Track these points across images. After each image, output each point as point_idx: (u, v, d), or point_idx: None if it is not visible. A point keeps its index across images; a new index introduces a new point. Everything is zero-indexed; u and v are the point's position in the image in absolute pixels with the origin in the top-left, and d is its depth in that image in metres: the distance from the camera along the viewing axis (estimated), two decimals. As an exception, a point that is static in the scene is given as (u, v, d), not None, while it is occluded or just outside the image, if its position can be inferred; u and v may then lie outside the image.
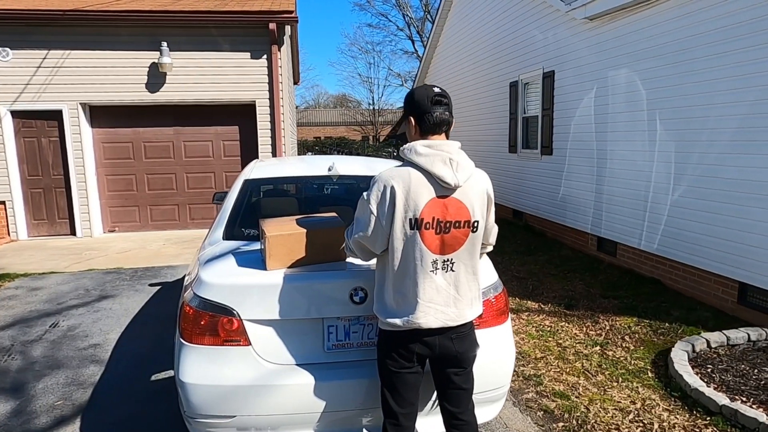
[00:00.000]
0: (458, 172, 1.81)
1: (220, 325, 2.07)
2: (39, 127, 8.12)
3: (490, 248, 2.10)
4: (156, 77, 8.07)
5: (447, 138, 1.92)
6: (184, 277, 5.85)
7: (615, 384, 3.37)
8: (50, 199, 8.32)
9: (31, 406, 3.13)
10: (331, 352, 2.16)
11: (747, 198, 4.38)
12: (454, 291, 1.88)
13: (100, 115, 8.34)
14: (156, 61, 7.94)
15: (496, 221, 2.05)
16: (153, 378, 3.46)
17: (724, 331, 4.01)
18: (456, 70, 12.16)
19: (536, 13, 7.90)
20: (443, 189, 1.81)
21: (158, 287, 5.53)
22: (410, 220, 1.79)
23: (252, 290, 2.09)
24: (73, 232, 8.37)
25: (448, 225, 1.82)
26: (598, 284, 5.53)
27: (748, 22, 4.27)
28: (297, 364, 2.11)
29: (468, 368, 1.99)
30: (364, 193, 1.88)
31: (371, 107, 36.61)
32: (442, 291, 1.86)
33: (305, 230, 2.19)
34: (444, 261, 1.85)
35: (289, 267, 2.17)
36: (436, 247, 1.83)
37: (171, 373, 3.49)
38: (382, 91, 52.83)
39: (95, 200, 8.41)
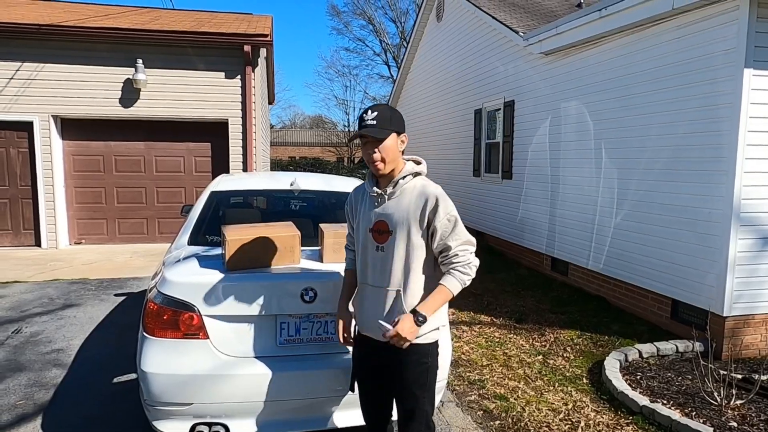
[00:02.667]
0: None
1: (181, 320, 2.28)
2: (8, 137, 8.15)
3: None
4: (130, 93, 8.23)
5: None
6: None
7: (551, 388, 3.66)
8: (16, 210, 8.30)
9: (-8, 405, 3.22)
10: (283, 346, 2.38)
11: (677, 222, 4.81)
12: None
13: (72, 127, 8.42)
14: (131, 77, 8.11)
15: None
16: (115, 381, 3.58)
17: (656, 343, 4.37)
18: (426, 96, 12.65)
19: (498, 47, 8.42)
20: None
21: (124, 297, 5.62)
22: None
23: (211, 288, 2.31)
24: (38, 244, 8.33)
25: None
26: (549, 301, 5.87)
27: (676, 64, 4.77)
28: (251, 357, 2.33)
29: None
30: (449, 211, 1.98)
31: (347, 129, 37.09)
32: None
33: (263, 235, 2.43)
34: None
35: (246, 268, 2.40)
36: None
37: (133, 376, 3.62)
38: (358, 113, 53.34)
39: (62, 212, 8.41)
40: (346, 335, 2.17)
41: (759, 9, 4.03)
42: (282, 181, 3.54)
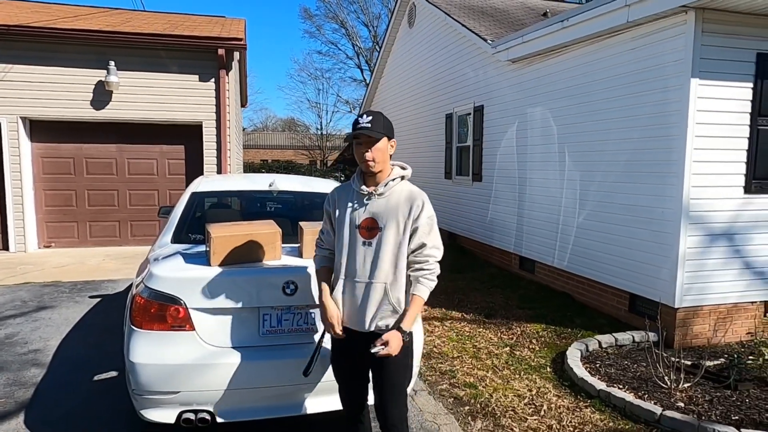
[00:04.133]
0: None
1: (168, 312, 2.40)
2: (-25, 139, 7.99)
3: None
4: (102, 95, 8.19)
5: None
6: (125, 289, 5.98)
7: (517, 376, 3.90)
8: (-18, 213, 8.14)
9: (-28, 404, 3.25)
10: (265, 336, 2.53)
11: (634, 221, 5.13)
12: None
13: (42, 129, 8.31)
14: (103, 79, 8.07)
15: None
16: (95, 378, 3.65)
17: (614, 334, 4.67)
18: (399, 99, 12.90)
19: (468, 53, 8.71)
20: None
21: (99, 299, 5.63)
22: None
23: (197, 282, 2.44)
24: (5, 247, 8.19)
25: None
26: (517, 297, 6.14)
27: (632, 73, 5.10)
28: (235, 347, 2.47)
29: None
30: (431, 213, 2.23)
31: (319, 132, 37.12)
32: None
33: (246, 233, 2.57)
34: None
35: (230, 264, 2.54)
36: None
37: (113, 373, 3.70)
38: (330, 116, 53.65)
39: (31, 215, 8.29)
40: (339, 330, 2.23)
41: (704, 24, 4.38)
42: (261, 182, 3.68)
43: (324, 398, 2.58)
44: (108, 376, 3.67)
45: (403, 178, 2.27)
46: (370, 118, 2.15)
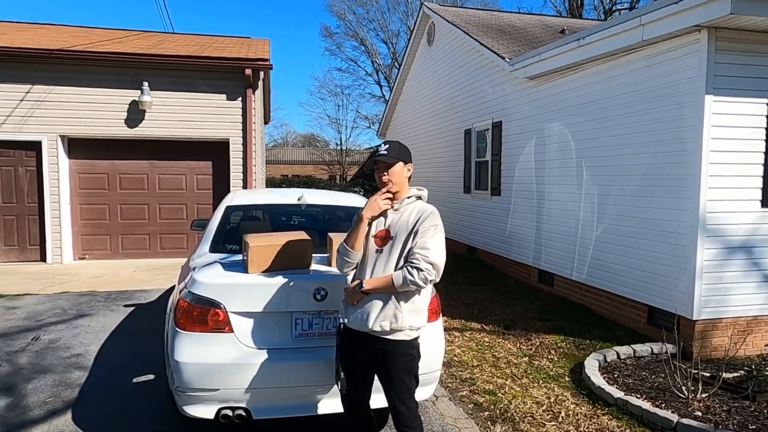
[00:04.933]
0: None
1: (209, 316, 2.61)
2: (17, 156, 8.46)
3: None
4: (135, 113, 8.60)
5: None
6: (157, 299, 6.26)
7: (536, 385, 4.01)
8: (22, 226, 8.57)
9: (24, 402, 3.50)
10: (297, 339, 2.72)
11: (651, 234, 5.22)
12: None
13: (79, 147, 8.75)
14: (136, 99, 8.49)
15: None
16: (135, 381, 3.87)
17: (632, 345, 4.74)
18: (418, 116, 13.15)
19: (487, 70, 8.92)
20: None
21: (132, 308, 5.91)
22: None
23: (236, 288, 2.65)
24: (43, 259, 8.59)
25: None
26: (535, 309, 6.23)
27: (647, 90, 5.23)
28: (270, 348, 2.66)
29: None
30: (435, 222, 2.34)
31: (339, 147, 37.62)
32: None
33: (281, 243, 2.78)
34: None
35: (266, 271, 2.75)
36: None
37: (151, 376, 3.92)
38: (350, 132, 54.24)
39: (68, 228, 8.69)
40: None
41: (717, 42, 4.51)
42: (290, 196, 3.91)
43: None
44: (146, 378, 3.90)
45: (419, 198, 2.49)
46: (387, 146, 2.44)
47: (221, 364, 2.58)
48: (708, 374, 4.23)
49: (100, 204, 8.90)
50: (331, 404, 2.73)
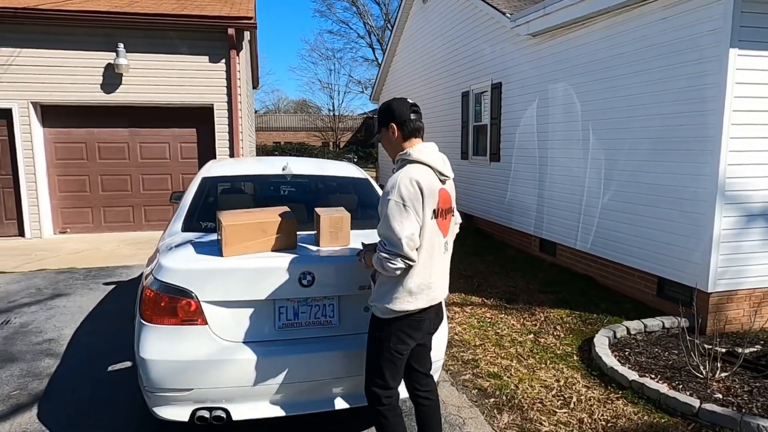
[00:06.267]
0: (447, 165, 2.22)
1: (179, 306, 2.27)
2: (-14, 125, 7.94)
3: (458, 228, 2.43)
4: (112, 78, 8.05)
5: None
6: (140, 276, 5.91)
7: (543, 366, 3.74)
8: (-3, 200, 8.13)
9: (-14, 396, 3.19)
10: (282, 330, 2.40)
11: (662, 201, 4.89)
12: (448, 266, 2.26)
13: (53, 115, 8.23)
14: (112, 61, 7.93)
15: None
16: (110, 369, 3.57)
17: (643, 320, 4.48)
18: (412, 79, 12.58)
19: (485, 28, 8.38)
20: (440, 182, 2.16)
21: (113, 286, 5.57)
22: (433, 210, 2.09)
23: (209, 274, 2.30)
24: (21, 233, 8.19)
25: (446, 211, 2.18)
26: (538, 281, 5.96)
27: (662, 45, 4.80)
28: (250, 341, 2.34)
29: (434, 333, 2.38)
30: (393, 196, 1.99)
31: (332, 113, 36.81)
32: (444, 267, 2.23)
33: (259, 221, 2.42)
34: (446, 242, 2.21)
35: (243, 253, 2.40)
36: (445, 231, 2.17)
37: (128, 364, 3.62)
38: (342, 97, 53.30)
39: (45, 201, 8.27)
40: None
41: (745, -11, 4.07)
42: (274, 165, 3.52)
43: (349, 394, 2.45)
44: (122, 366, 3.59)
45: (404, 162, 2.16)
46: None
47: (194, 360, 2.26)
48: (724, 350, 3.98)
49: (79, 175, 8.45)
50: (318, 403, 2.43)
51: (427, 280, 2.10)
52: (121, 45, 7.86)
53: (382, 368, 2.16)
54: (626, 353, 4.01)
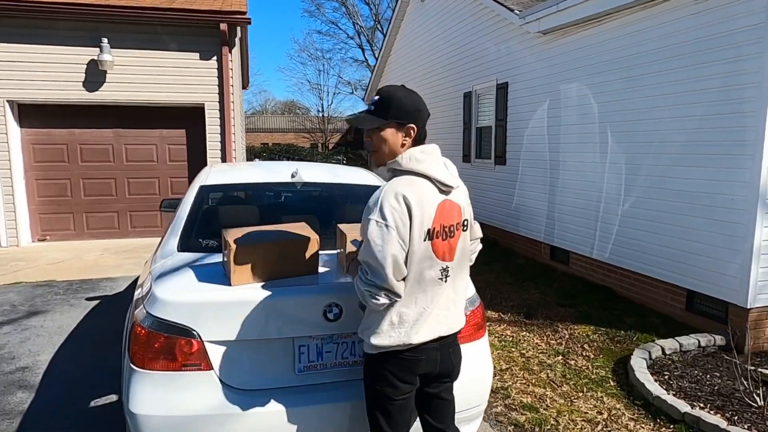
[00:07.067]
0: (452, 172, 1.79)
1: (177, 347, 1.85)
2: (-42, 125, 7.39)
3: (479, 244, 2.04)
4: (95, 75, 7.55)
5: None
6: (126, 289, 5.44)
7: (581, 394, 3.37)
8: (-30, 205, 7.57)
9: (-55, 442, 2.74)
10: (303, 374, 1.99)
11: (692, 209, 4.56)
12: (453, 295, 1.82)
13: (31, 114, 7.70)
14: (96, 58, 7.43)
15: None
16: (93, 404, 3.13)
17: (677, 338, 4.14)
18: (409, 80, 12.19)
19: (490, 26, 8.04)
20: (442, 193, 1.74)
21: (97, 301, 5.10)
22: (427, 230, 1.68)
23: (214, 308, 1.89)
24: (-3, 241, 7.64)
25: (450, 229, 1.75)
26: (553, 293, 5.60)
27: (693, 42, 4.48)
28: (266, 389, 1.92)
29: (455, 380, 1.91)
30: (374, 215, 1.63)
31: (321, 114, 36.32)
32: (446, 297, 1.79)
33: (274, 241, 2.01)
34: (448, 267, 1.77)
35: (255, 281, 1.99)
36: (443, 254, 1.75)
37: (113, 397, 3.18)
38: (331, 98, 52.60)
39: (23, 206, 7.73)
40: None
41: (789, -20, 3.76)
42: (281, 172, 3.10)
43: None
44: (107, 401, 3.15)
45: (393, 173, 1.77)
46: (377, 98, 1.80)
47: (197, 416, 1.84)
48: (768, 371, 3.66)
49: (59, 179, 7.92)
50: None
51: (414, 312, 1.71)
52: (105, 40, 7.37)
53: (375, 416, 1.79)
54: (666, 377, 3.66)
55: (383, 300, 1.64)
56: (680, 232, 4.70)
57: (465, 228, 1.84)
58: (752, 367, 3.62)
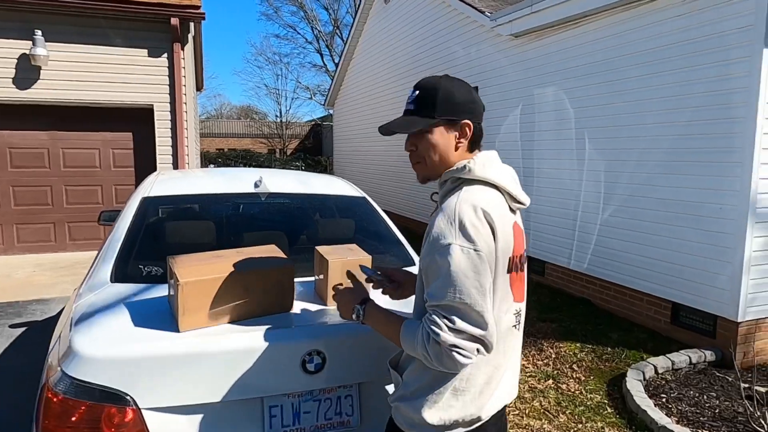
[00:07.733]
0: (520, 186, 1.37)
1: (104, 419, 1.37)
2: None
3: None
4: (27, 71, 6.78)
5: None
6: (59, 312, 4.77)
7: (579, 426, 3.06)
8: None
9: None
10: (275, 444, 1.54)
11: (677, 218, 4.38)
12: (519, 350, 1.43)
13: (-49, 113, 6.84)
14: (27, 52, 6.67)
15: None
16: (6, 465, 2.54)
17: (668, 356, 3.92)
18: (372, 84, 11.85)
19: (459, 28, 7.79)
20: (512, 212, 1.33)
21: (23, 328, 4.42)
22: (509, 259, 1.27)
23: (155, 364, 1.42)
24: None
25: (522, 259, 1.36)
26: (532, 306, 5.32)
27: (679, 45, 4.31)
28: (224, 468, 1.47)
29: None
30: (454, 239, 1.17)
31: (278, 119, 35.51)
32: (518, 351, 1.40)
33: (237, 272, 1.56)
34: (520, 310, 1.37)
35: (210, 324, 1.53)
36: (518, 292, 1.34)
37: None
38: (290, 103, 51.64)
39: (-58, 218, 6.84)
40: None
41: (779, -18, 3.62)
42: (242, 181, 2.62)
43: None
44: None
45: (458, 182, 1.30)
46: (416, 93, 1.38)
47: None
48: (764, 389, 3.47)
49: (-16, 186, 7.07)
50: None
51: (484, 373, 1.28)
52: (39, 32, 6.62)
53: None
54: (663, 400, 3.41)
55: (473, 358, 1.19)
56: (665, 242, 4.51)
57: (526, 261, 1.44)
58: (746, 385, 3.42)
